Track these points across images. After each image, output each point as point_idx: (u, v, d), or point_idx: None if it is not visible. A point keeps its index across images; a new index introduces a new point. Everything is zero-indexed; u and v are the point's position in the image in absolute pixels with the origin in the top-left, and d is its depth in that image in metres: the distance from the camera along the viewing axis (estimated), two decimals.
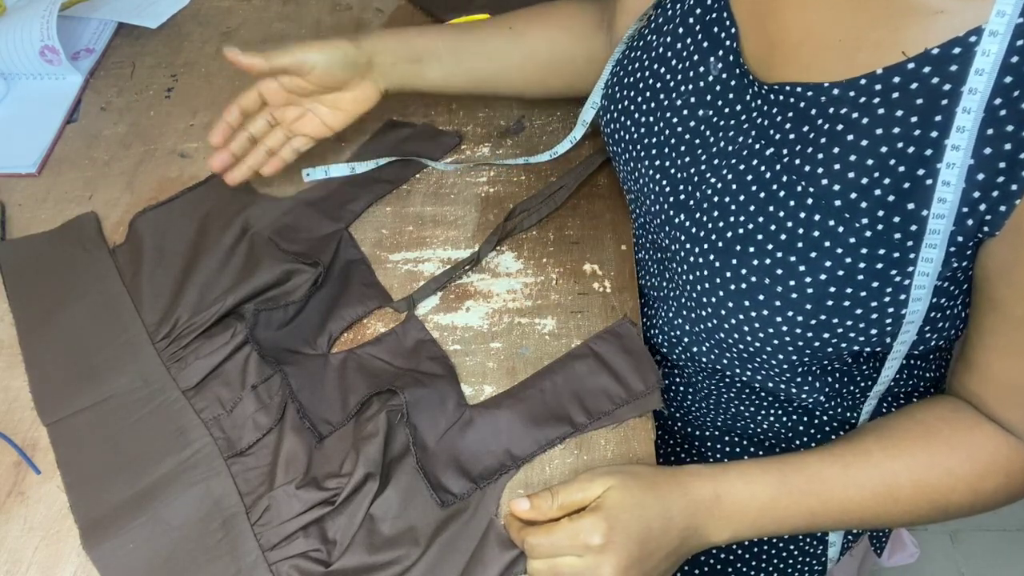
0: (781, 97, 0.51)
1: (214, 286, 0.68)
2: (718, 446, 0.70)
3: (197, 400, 0.62)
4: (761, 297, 0.52)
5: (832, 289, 0.49)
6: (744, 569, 0.74)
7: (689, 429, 0.71)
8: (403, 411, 0.59)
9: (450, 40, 0.71)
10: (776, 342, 0.53)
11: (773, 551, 0.73)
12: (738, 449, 0.69)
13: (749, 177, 0.53)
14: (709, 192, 0.55)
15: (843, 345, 0.52)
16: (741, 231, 0.53)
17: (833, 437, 0.67)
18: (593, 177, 0.77)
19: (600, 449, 0.59)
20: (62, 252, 0.73)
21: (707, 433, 0.70)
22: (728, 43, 0.54)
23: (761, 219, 0.52)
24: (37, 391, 0.64)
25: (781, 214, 0.51)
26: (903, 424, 0.54)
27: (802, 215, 0.50)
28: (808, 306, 0.50)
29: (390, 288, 0.70)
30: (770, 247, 0.51)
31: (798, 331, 0.52)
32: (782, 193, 0.51)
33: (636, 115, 0.61)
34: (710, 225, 0.55)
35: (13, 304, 0.70)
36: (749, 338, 0.54)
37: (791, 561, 0.73)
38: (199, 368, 0.63)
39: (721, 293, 0.54)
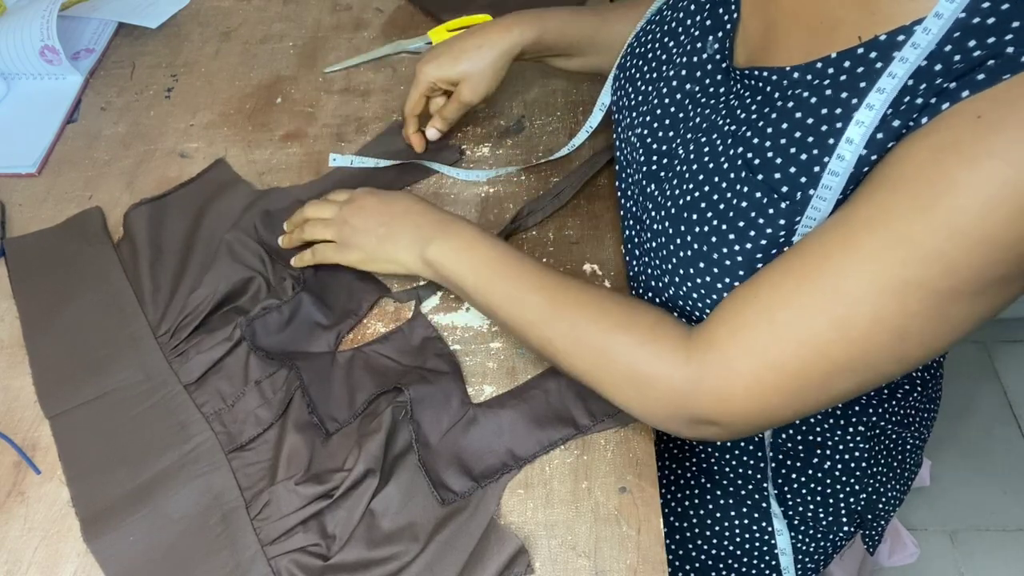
0: (752, 81, 0.53)
1: (208, 280, 0.68)
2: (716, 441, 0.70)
3: (198, 394, 0.63)
4: (702, 264, 0.53)
5: (759, 256, 0.51)
6: (723, 569, 0.74)
7: None
8: (407, 408, 0.59)
9: (587, 34, 0.75)
10: None
11: (746, 556, 0.73)
12: (728, 443, 0.69)
13: (706, 149, 0.55)
14: (675, 163, 0.58)
15: None
16: (689, 199, 0.55)
17: (814, 420, 0.68)
18: (593, 178, 0.77)
19: (600, 449, 0.59)
20: (67, 247, 0.73)
21: None
22: (728, 26, 0.57)
23: (706, 188, 0.54)
24: (40, 384, 0.64)
25: (723, 185, 0.52)
26: (618, 298, 0.56)
27: (738, 187, 0.51)
28: (741, 273, 0.52)
29: (390, 288, 0.70)
30: (709, 215, 0.53)
31: None
32: (726, 165, 0.53)
33: (638, 83, 0.64)
34: (668, 192, 0.57)
35: (18, 299, 0.70)
36: (701, 304, 0.55)
37: (763, 565, 0.73)
38: (200, 362, 0.63)
39: (674, 260, 0.56)
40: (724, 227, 0.52)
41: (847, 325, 0.44)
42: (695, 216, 0.54)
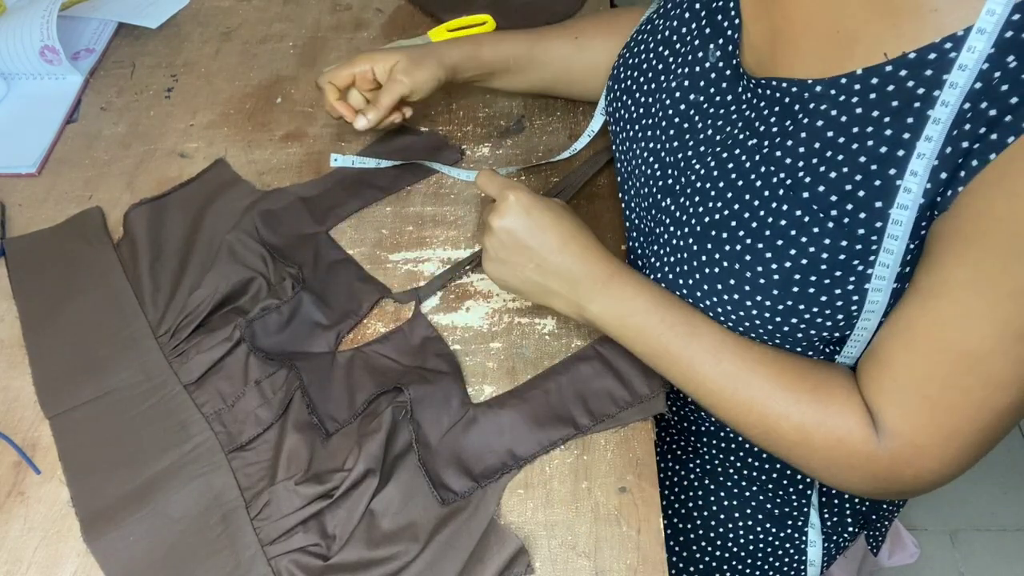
0: (768, 91, 0.52)
1: (209, 281, 0.68)
2: (713, 441, 0.70)
3: (198, 394, 0.63)
4: (732, 282, 0.53)
5: (796, 276, 0.51)
6: (727, 571, 0.74)
7: (685, 424, 0.72)
8: (407, 408, 0.59)
9: (522, 52, 0.76)
10: (747, 324, 0.54)
11: (750, 558, 0.73)
12: (733, 445, 0.69)
13: (730, 165, 0.54)
14: (693, 178, 0.57)
15: (812, 332, 0.53)
16: (717, 216, 0.54)
17: None
18: (593, 178, 0.77)
19: (600, 449, 0.59)
20: (67, 246, 0.73)
21: (703, 428, 0.70)
22: (729, 33, 0.56)
23: (736, 206, 0.53)
24: (40, 385, 0.64)
25: (756, 203, 0.52)
26: (793, 357, 0.55)
27: (773, 205, 0.51)
28: (775, 291, 0.52)
29: (390, 288, 0.70)
30: (741, 233, 0.53)
31: (767, 315, 0.53)
32: (759, 183, 0.52)
33: (637, 95, 0.63)
34: (691, 210, 0.56)
35: (18, 298, 0.70)
36: (723, 319, 0.55)
37: (767, 567, 0.73)
38: (200, 362, 0.63)
39: (697, 276, 0.56)
40: (760, 245, 0.52)
41: (998, 377, 0.45)
42: (725, 234, 0.53)
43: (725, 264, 0.53)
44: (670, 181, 0.59)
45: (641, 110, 0.62)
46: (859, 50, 0.47)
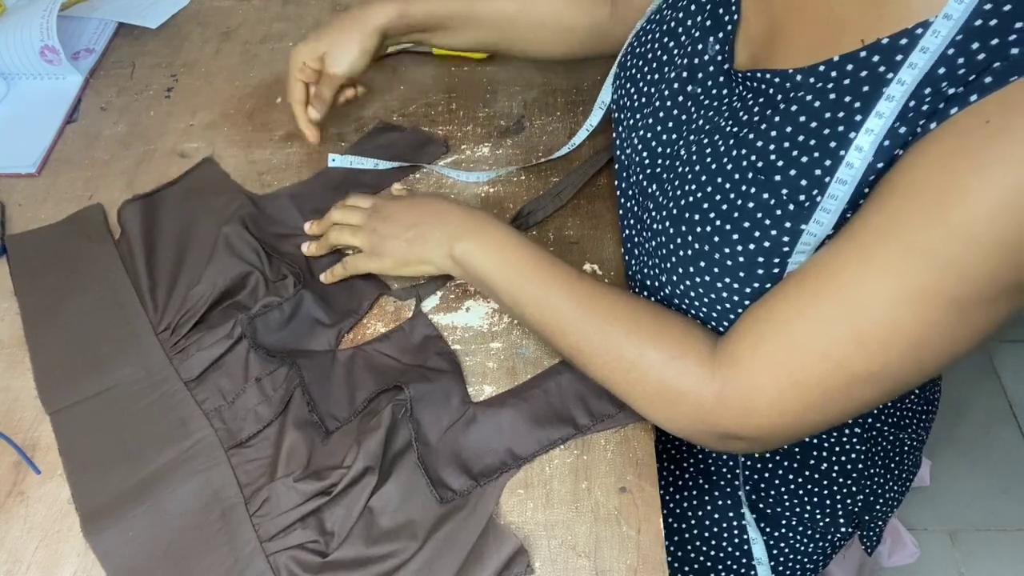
0: (755, 83, 0.53)
1: (208, 275, 0.68)
2: None
3: (199, 391, 0.63)
4: (702, 263, 0.54)
5: (760, 259, 0.51)
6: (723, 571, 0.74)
7: None
8: (407, 406, 0.59)
9: (461, 10, 0.74)
10: (719, 308, 0.54)
11: (744, 557, 0.73)
12: None
13: (707, 150, 0.55)
14: (677, 164, 0.58)
15: None
16: (691, 199, 0.55)
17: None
18: (593, 178, 0.77)
19: (600, 449, 0.59)
20: (68, 243, 0.74)
21: None
22: (728, 27, 0.56)
23: (709, 188, 0.54)
24: (41, 381, 0.65)
25: (727, 185, 0.52)
26: (655, 305, 0.57)
27: (743, 187, 0.51)
28: (741, 274, 0.52)
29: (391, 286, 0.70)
30: (712, 215, 0.53)
31: (736, 298, 0.53)
32: (730, 166, 0.53)
33: (640, 84, 0.64)
34: (670, 193, 0.57)
35: (19, 295, 0.70)
36: (698, 303, 0.55)
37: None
38: (201, 359, 0.64)
39: (673, 259, 0.56)
40: (728, 227, 0.52)
41: (865, 337, 0.44)
42: (697, 216, 0.54)
43: (696, 246, 0.54)
44: (658, 169, 0.60)
45: (643, 99, 0.63)
46: (844, 39, 0.47)
